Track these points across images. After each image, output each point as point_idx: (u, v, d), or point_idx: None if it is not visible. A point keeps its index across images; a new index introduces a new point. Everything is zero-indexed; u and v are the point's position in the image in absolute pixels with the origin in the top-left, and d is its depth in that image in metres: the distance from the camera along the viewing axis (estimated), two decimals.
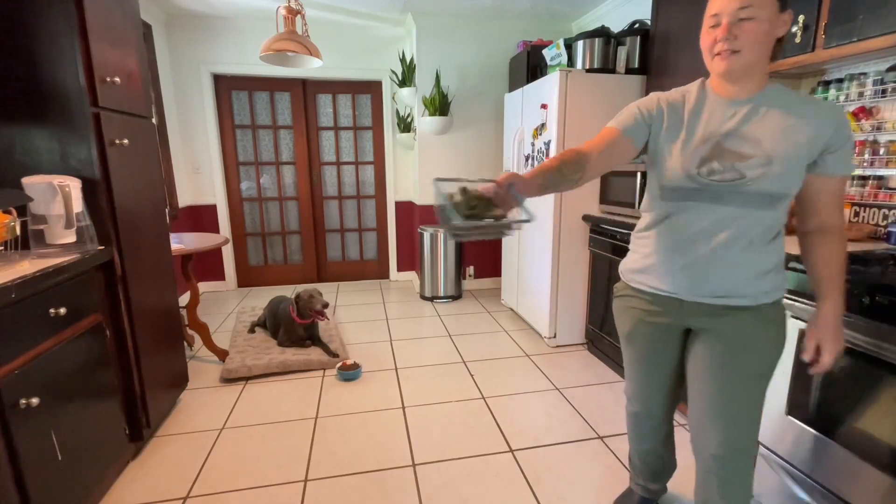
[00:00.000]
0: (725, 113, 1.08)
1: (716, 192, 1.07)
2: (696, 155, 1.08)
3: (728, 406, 1.14)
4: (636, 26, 2.82)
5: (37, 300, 1.30)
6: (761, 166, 1.02)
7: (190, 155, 3.96)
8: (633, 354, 1.35)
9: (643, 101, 1.18)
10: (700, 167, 1.07)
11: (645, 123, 1.16)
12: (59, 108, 1.53)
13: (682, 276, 1.15)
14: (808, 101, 1.05)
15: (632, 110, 1.18)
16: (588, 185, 2.75)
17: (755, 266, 1.09)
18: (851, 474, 1.29)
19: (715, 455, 1.18)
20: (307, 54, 2.37)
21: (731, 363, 1.13)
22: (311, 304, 2.71)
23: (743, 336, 1.12)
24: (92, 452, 1.51)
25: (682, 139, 1.11)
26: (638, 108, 1.17)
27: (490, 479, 1.72)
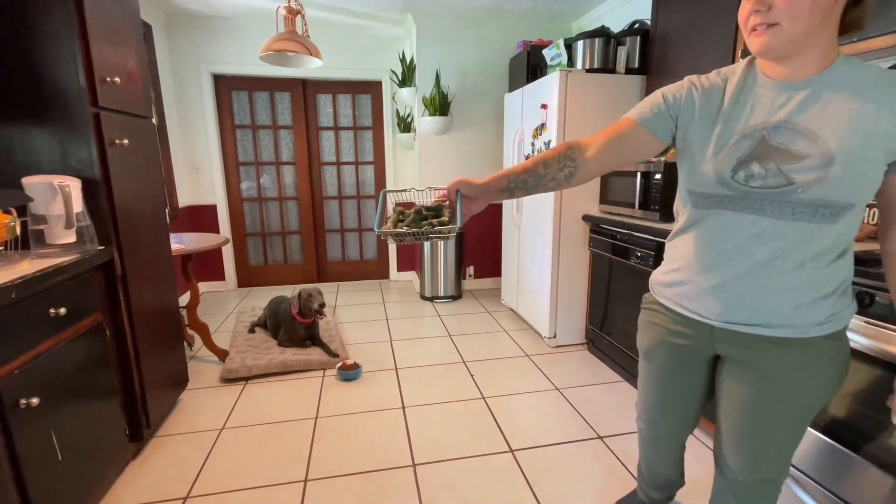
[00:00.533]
0: (776, 100, 0.86)
1: (757, 200, 0.86)
2: (732, 155, 0.88)
3: (759, 440, 1.00)
4: (636, 26, 2.81)
5: (37, 300, 1.30)
6: (817, 169, 0.80)
7: (190, 155, 3.96)
8: (649, 372, 1.19)
9: (672, 86, 1.00)
10: (737, 171, 0.88)
11: (670, 114, 0.97)
12: (59, 108, 1.53)
13: (712, 297, 0.96)
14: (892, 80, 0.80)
15: (655, 98, 1.00)
16: (588, 184, 2.75)
17: (807, 292, 0.88)
18: (854, 476, 1.29)
19: (737, 480, 1.07)
20: (307, 54, 2.37)
21: (768, 405, 0.96)
22: (309, 302, 2.71)
23: (785, 374, 0.93)
24: (92, 452, 1.51)
25: (716, 134, 0.91)
26: (662, 96, 0.99)
27: (490, 479, 1.72)
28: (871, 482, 1.24)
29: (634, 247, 2.28)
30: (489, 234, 4.21)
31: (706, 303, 0.98)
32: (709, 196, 0.93)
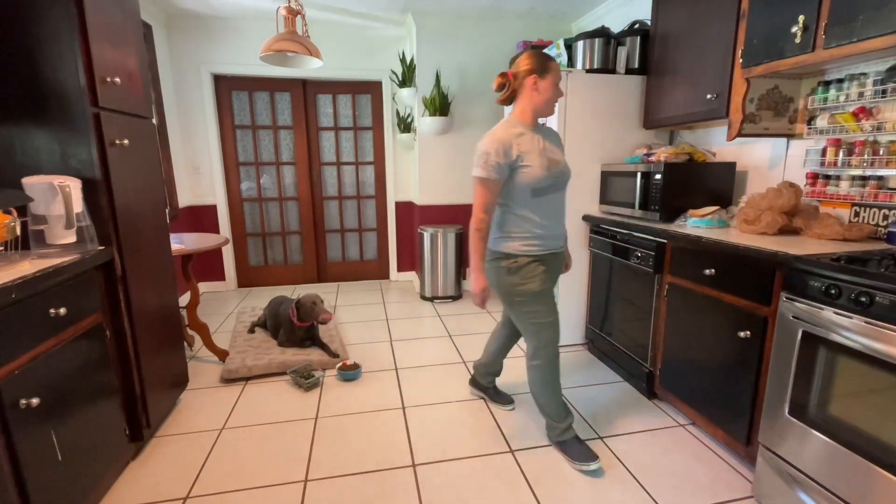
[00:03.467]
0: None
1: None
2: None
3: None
4: (636, 26, 2.82)
5: (37, 300, 1.30)
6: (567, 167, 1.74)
7: (190, 155, 3.96)
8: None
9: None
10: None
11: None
12: (59, 109, 1.53)
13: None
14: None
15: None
16: (588, 184, 2.75)
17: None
18: (853, 475, 1.29)
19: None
20: (307, 54, 2.37)
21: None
22: (313, 313, 2.71)
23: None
24: (92, 452, 1.51)
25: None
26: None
27: (490, 479, 1.72)
28: (871, 483, 1.24)
29: (634, 247, 2.28)
30: None
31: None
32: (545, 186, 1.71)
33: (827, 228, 1.76)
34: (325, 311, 2.73)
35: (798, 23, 1.66)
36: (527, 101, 1.69)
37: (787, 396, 1.47)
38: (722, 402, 1.81)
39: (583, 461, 1.76)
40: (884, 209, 1.76)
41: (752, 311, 1.64)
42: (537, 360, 1.82)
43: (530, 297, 1.75)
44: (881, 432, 1.23)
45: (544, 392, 1.85)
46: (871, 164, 1.75)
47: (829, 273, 1.35)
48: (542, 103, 1.68)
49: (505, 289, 1.76)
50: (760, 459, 1.58)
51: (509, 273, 1.73)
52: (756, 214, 1.91)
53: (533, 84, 1.65)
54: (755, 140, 2.27)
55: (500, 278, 1.75)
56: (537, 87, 1.66)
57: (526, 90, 1.67)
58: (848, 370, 1.31)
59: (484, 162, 1.62)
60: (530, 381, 1.87)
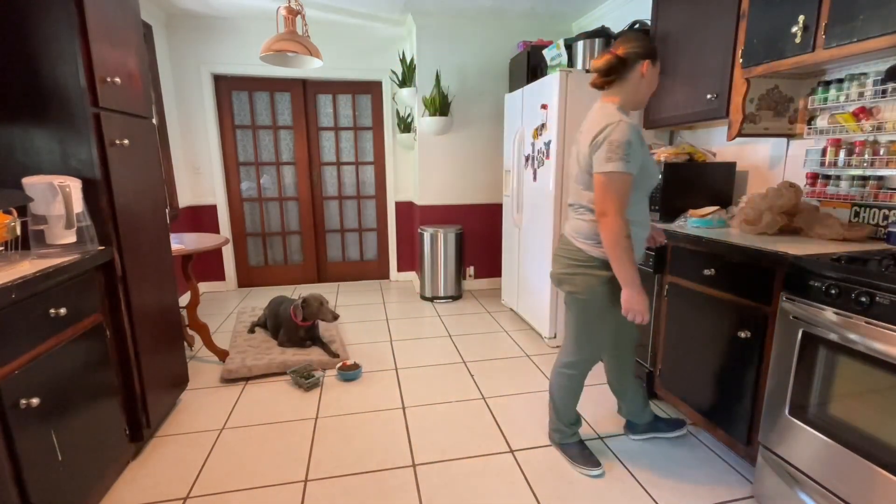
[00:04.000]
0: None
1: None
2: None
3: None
4: (636, 26, 2.81)
5: (37, 300, 1.30)
6: None
7: (190, 155, 3.96)
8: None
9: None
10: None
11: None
12: (59, 109, 1.53)
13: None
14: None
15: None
16: None
17: None
18: (853, 475, 1.29)
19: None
20: (307, 55, 2.37)
21: None
22: (320, 314, 2.71)
23: None
24: (92, 452, 1.51)
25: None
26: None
27: (490, 479, 1.72)
28: (871, 483, 1.24)
29: None
30: (489, 234, 4.21)
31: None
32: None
33: (827, 228, 1.76)
34: (331, 311, 2.73)
35: (798, 23, 1.66)
36: (632, 89, 1.51)
37: (787, 396, 1.47)
38: (722, 402, 1.81)
39: (586, 465, 1.75)
40: (884, 209, 1.76)
41: (752, 310, 1.64)
42: (573, 371, 1.74)
43: (609, 313, 1.61)
44: (881, 432, 1.23)
45: (567, 399, 1.79)
46: (871, 164, 1.75)
47: (829, 273, 1.35)
48: (646, 93, 1.53)
49: (595, 300, 1.58)
50: (760, 459, 1.58)
51: (607, 284, 1.55)
52: (756, 214, 1.91)
53: (645, 70, 1.47)
54: (755, 140, 2.27)
55: (592, 287, 1.57)
56: (647, 74, 1.48)
57: (634, 76, 1.48)
58: (848, 370, 1.31)
59: (625, 154, 1.39)
60: (556, 385, 1.79)
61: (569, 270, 1.62)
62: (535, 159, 2.93)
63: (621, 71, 1.49)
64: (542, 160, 2.82)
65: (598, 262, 1.56)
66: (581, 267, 1.59)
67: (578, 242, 1.60)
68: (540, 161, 2.85)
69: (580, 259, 1.59)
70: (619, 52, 1.48)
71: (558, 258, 1.69)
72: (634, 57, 1.47)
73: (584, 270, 1.58)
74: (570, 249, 1.63)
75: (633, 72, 1.49)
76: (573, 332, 1.70)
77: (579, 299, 1.62)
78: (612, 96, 1.53)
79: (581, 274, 1.59)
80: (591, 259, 1.57)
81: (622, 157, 1.39)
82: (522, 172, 3.15)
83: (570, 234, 1.64)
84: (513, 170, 3.29)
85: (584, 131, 1.54)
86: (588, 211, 1.57)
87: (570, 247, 1.63)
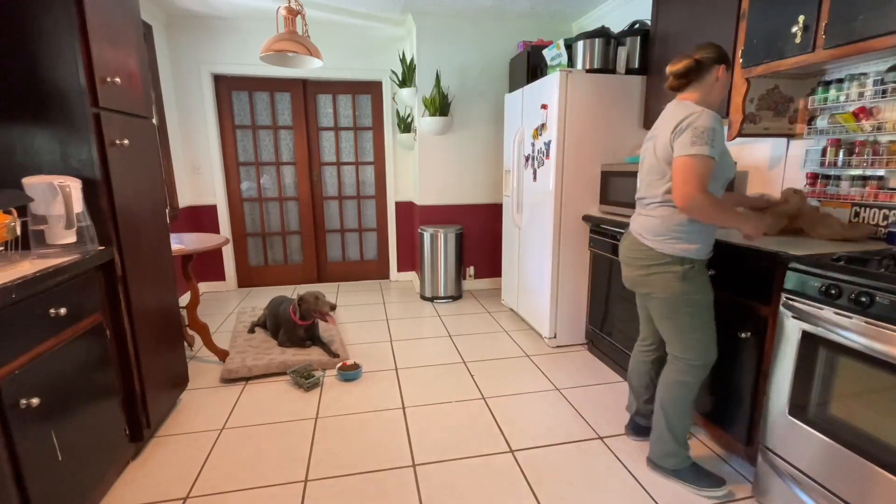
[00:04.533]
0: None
1: None
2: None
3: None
4: (636, 26, 2.82)
5: (37, 300, 1.30)
6: None
7: (190, 155, 3.96)
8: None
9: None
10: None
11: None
12: (59, 109, 1.53)
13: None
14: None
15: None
16: (588, 184, 2.75)
17: None
18: (853, 475, 1.29)
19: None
20: (307, 55, 2.37)
21: None
22: (317, 306, 2.71)
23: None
24: (92, 452, 1.51)
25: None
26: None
27: (490, 480, 1.72)
28: (871, 483, 1.24)
29: None
30: (489, 234, 4.21)
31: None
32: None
33: (829, 228, 1.76)
34: (329, 302, 2.73)
35: (798, 23, 1.66)
36: (706, 91, 1.55)
37: (787, 396, 1.47)
38: (722, 402, 1.81)
39: (715, 486, 1.63)
40: (884, 209, 1.76)
41: (752, 311, 1.64)
42: (688, 378, 1.62)
43: (703, 309, 1.58)
44: (881, 432, 1.23)
45: (681, 414, 1.64)
46: (871, 164, 1.75)
47: (829, 273, 1.35)
48: (718, 97, 1.57)
49: (675, 298, 1.56)
50: (760, 459, 1.58)
51: (685, 280, 1.54)
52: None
53: (720, 74, 1.53)
54: (755, 140, 2.27)
55: (671, 286, 1.55)
56: (721, 78, 1.54)
57: (709, 79, 1.54)
58: (848, 370, 1.31)
59: (711, 139, 1.42)
60: (669, 398, 1.65)
61: (642, 271, 1.62)
62: (535, 159, 2.93)
63: (697, 73, 1.54)
64: (542, 160, 2.82)
65: (670, 258, 1.55)
66: (654, 266, 1.58)
67: (648, 241, 1.59)
68: (540, 161, 2.85)
69: (651, 258, 1.59)
70: (697, 56, 1.54)
71: (630, 260, 1.67)
72: (710, 61, 1.53)
73: (657, 269, 1.58)
74: (641, 249, 1.62)
75: (708, 74, 1.54)
76: (677, 336, 1.62)
77: (660, 299, 1.60)
78: (688, 96, 1.57)
79: (655, 273, 1.58)
80: (662, 256, 1.56)
81: (707, 141, 1.42)
82: (522, 172, 3.15)
83: (638, 233, 1.64)
84: (513, 170, 3.29)
85: (663, 125, 1.56)
86: (660, 205, 1.57)
87: (641, 246, 1.62)
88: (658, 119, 1.63)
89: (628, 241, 1.69)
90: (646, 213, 1.63)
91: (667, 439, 1.67)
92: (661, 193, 1.56)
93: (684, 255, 1.54)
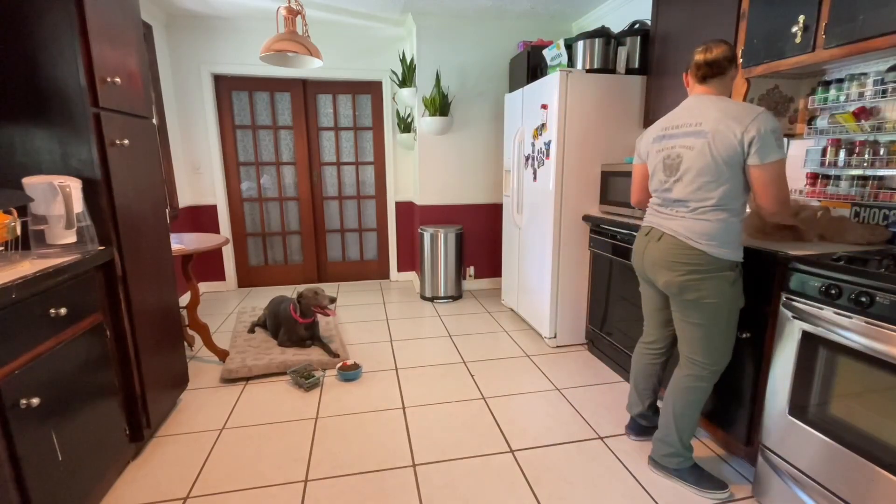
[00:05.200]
0: None
1: None
2: None
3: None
4: (636, 26, 2.82)
5: (37, 300, 1.30)
6: None
7: (190, 155, 3.96)
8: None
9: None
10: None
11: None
12: (59, 109, 1.53)
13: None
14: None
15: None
16: (588, 185, 2.75)
17: None
18: (853, 475, 1.29)
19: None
20: (307, 55, 2.37)
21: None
22: (317, 300, 2.71)
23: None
24: (92, 453, 1.51)
25: None
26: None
27: (490, 480, 1.72)
28: (871, 483, 1.24)
29: None
30: (489, 234, 4.21)
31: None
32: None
33: (853, 233, 1.70)
34: (328, 296, 2.73)
35: (798, 23, 1.66)
36: (727, 88, 1.56)
37: (788, 396, 1.47)
38: (722, 402, 1.81)
39: (717, 489, 1.63)
40: (884, 209, 1.76)
41: (752, 311, 1.64)
42: (704, 383, 1.62)
43: (736, 314, 1.58)
44: (881, 432, 1.23)
45: (690, 416, 1.65)
46: (872, 164, 1.75)
47: (829, 273, 1.35)
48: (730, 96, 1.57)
49: (724, 303, 1.53)
50: (760, 459, 1.58)
51: (734, 285, 1.53)
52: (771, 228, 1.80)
53: (735, 73, 1.56)
54: None
55: (723, 291, 1.52)
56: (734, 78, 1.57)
57: (732, 74, 1.55)
58: (848, 370, 1.31)
59: (781, 139, 1.40)
60: (682, 402, 1.64)
61: (694, 276, 1.53)
62: (535, 159, 2.93)
63: (728, 67, 1.52)
64: (542, 160, 2.82)
65: (726, 262, 1.51)
66: (709, 272, 1.51)
67: (702, 245, 1.50)
68: (540, 161, 2.85)
69: (705, 263, 1.51)
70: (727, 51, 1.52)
71: (674, 265, 1.56)
72: (734, 57, 1.53)
73: (713, 274, 1.51)
74: (691, 254, 1.52)
75: (734, 69, 1.55)
76: (704, 341, 1.59)
77: (709, 304, 1.53)
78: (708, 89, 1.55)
79: (710, 278, 1.51)
80: (717, 261, 1.50)
81: (782, 142, 1.41)
82: (522, 172, 3.15)
83: (687, 237, 1.53)
84: (513, 170, 3.29)
85: (711, 123, 1.46)
86: (715, 209, 1.49)
87: (690, 251, 1.52)
88: (682, 114, 1.57)
89: (667, 245, 1.58)
90: (694, 217, 1.53)
91: (673, 441, 1.67)
92: (718, 196, 1.47)
93: (736, 259, 1.51)
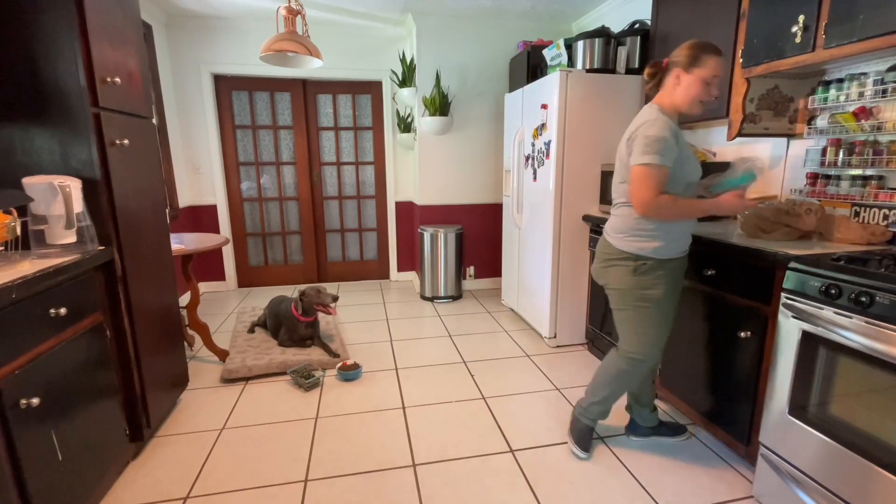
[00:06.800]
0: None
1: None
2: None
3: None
4: (636, 26, 2.82)
5: (37, 300, 1.30)
6: None
7: (190, 155, 3.96)
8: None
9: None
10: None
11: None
12: (59, 109, 1.53)
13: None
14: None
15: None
16: (588, 185, 2.75)
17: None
18: (853, 475, 1.29)
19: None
20: (307, 54, 2.37)
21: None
22: (319, 298, 2.72)
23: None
24: (92, 452, 1.51)
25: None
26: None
27: (490, 479, 1.72)
28: (871, 483, 1.24)
29: None
30: (489, 234, 4.21)
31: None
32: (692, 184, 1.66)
33: (852, 232, 1.69)
34: (330, 294, 2.74)
35: (798, 23, 1.66)
36: (666, 94, 1.61)
37: (787, 396, 1.47)
38: (722, 402, 1.81)
39: (578, 445, 1.84)
40: (884, 209, 1.76)
41: (752, 310, 1.64)
42: (623, 366, 1.75)
43: (655, 307, 1.66)
44: (881, 432, 1.23)
45: (613, 389, 1.79)
46: (872, 164, 1.75)
47: (829, 273, 1.35)
48: (682, 99, 1.58)
49: (626, 291, 1.67)
50: (760, 459, 1.58)
51: (635, 274, 1.64)
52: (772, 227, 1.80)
53: (676, 78, 1.58)
54: (755, 140, 2.27)
55: (623, 279, 1.66)
56: (680, 80, 1.57)
57: (668, 83, 1.60)
58: (848, 370, 1.31)
59: (662, 148, 1.49)
60: (605, 376, 1.80)
61: (602, 264, 1.75)
62: (535, 159, 2.93)
63: (662, 76, 1.64)
64: (542, 160, 2.82)
65: (626, 254, 1.65)
66: (612, 260, 1.70)
67: (609, 238, 1.72)
68: (540, 161, 2.85)
69: (611, 253, 1.70)
70: (664, 61, 1.63)
71: (597, 254, 1.79)
72: (671, 65, 1.60)
73: (613, 263, 1.69)
74: (604, 245, 1.75)
75: (667, 78, 1.62)
76: (620, 326, 1.76)
77: (613, 290, 1.72)
78: (656, 99, 1.66)
79: (612, 266, 1.70)
80: (619, 252, 1.67)
81: (656, 150, 1.50)
82: (522, 172, 3.15)
83: (605, 230, 1.76)
84: (513, 170, 3.29)
85: (631, 126, 1.64)
86: (622, 205, 1.67)
87: (606, 244, 1.74)
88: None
89: (601, 238, 1.80)
90: (613, 213, 1.74)
91: (595, 402, 1.83)
92: (622, 192, 1.67)
93: (639, 252, 1.62)
